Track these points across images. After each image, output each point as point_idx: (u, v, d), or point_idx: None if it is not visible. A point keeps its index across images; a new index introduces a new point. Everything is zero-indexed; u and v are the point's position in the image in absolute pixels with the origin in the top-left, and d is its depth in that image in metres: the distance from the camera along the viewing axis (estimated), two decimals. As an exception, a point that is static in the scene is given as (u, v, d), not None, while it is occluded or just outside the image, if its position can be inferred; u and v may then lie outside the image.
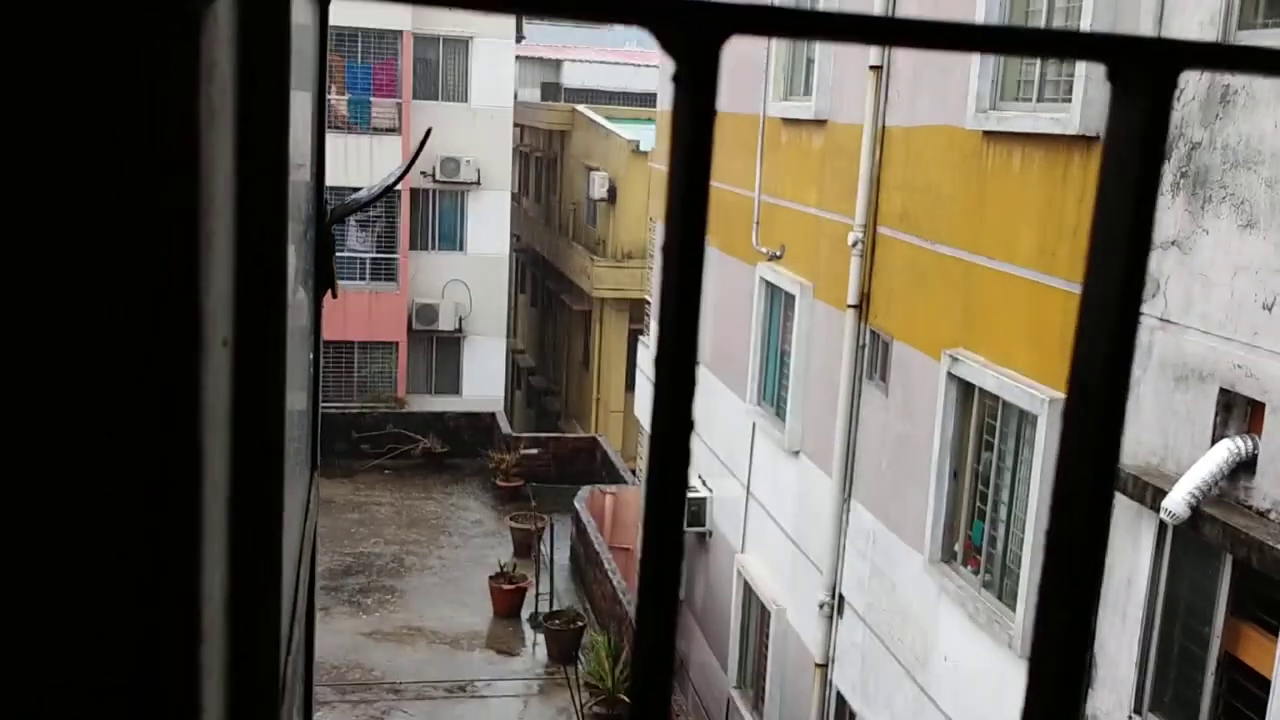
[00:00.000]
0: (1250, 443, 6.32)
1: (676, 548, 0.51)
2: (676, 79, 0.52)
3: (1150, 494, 6.81)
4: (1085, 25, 7.72)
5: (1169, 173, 7.02)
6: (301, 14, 1.26)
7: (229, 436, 0.66)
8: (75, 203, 0.46)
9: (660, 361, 0.53)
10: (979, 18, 8.98)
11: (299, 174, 1.37)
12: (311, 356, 1.59)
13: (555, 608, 18.24)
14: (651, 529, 0.52)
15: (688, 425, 0.53)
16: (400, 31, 26.61)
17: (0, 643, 0.49)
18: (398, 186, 26.49)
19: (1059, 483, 0.55)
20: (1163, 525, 6.83)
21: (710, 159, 0.52)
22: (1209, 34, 6.71)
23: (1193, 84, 6.81)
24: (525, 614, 18.65)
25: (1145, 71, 0.54)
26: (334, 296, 1.69)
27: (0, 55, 0.45)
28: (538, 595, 18.52)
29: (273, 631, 0.86)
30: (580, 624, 17.60)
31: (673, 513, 0.53)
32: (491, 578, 18.87)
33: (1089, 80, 7.66)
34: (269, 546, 0.78)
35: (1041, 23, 8.53)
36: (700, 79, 0.51)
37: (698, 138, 0.50)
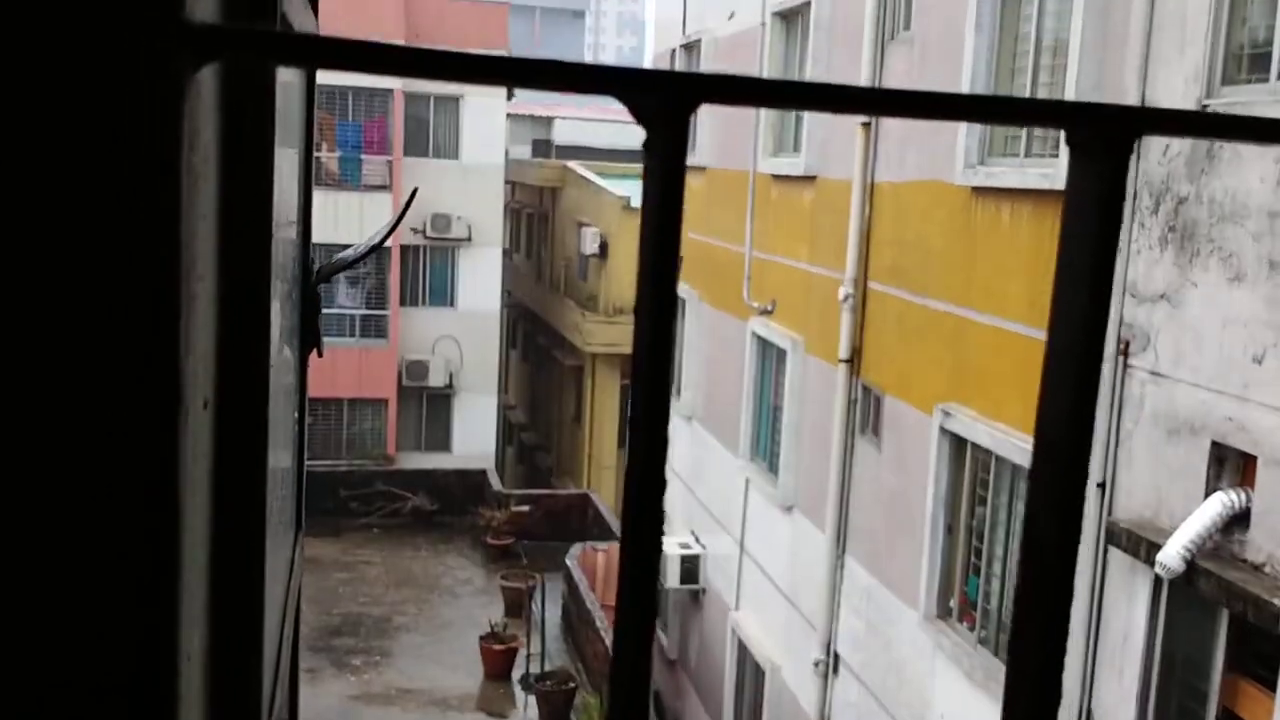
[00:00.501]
0: (1244, 496, 6.32)
1: (651, 607, 0.51)
2: (646, 146, 0.53)
3: (1144, 548, 6.80)
4: (1071, 80, 7.82)
5: (1157, 226, 7.08)
6: (287, 72, 1.28)
7: (210, 497, 0.66)
8: (57, 266, 0.47)
9: (634, 424, 0.54)
10: (965, 73, 9.10)
11: (285, 232, 1.39)
12: (297, 415, 1.59)
13: (547, 668, 18.05)
14: (626, 591, 0.52)
15: (660, 485, 0.54)
16: (391, 90, 26.84)
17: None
18: (387, 243, 26.59)
19: (1026, 536, 0.56)
20: (1158, 580, 6.81)
21: (680, 222, 0.53)
22: (1193, 90, 6.80)
23: (1178, 139, 6.89)
24: (516, 675, 18.45)
25: (1103, 137, 0.56)
26: (319, 355, 1.70)
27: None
28: (529, 655, 18.34)
29: (255, 691, 0.86)
30: (572, 685, 17.41)
31: (648, 569, 0.53)
32: (482, 638, 18.69)
33: (1074, 137, 7.74)
34: (250, 607, 0.78)
35: (1027, 79, 8.64)
36: (670, 146, 0.52)
37: (667, 202, 0.51)
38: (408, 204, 3.27)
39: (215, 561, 0.68)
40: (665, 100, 0.52)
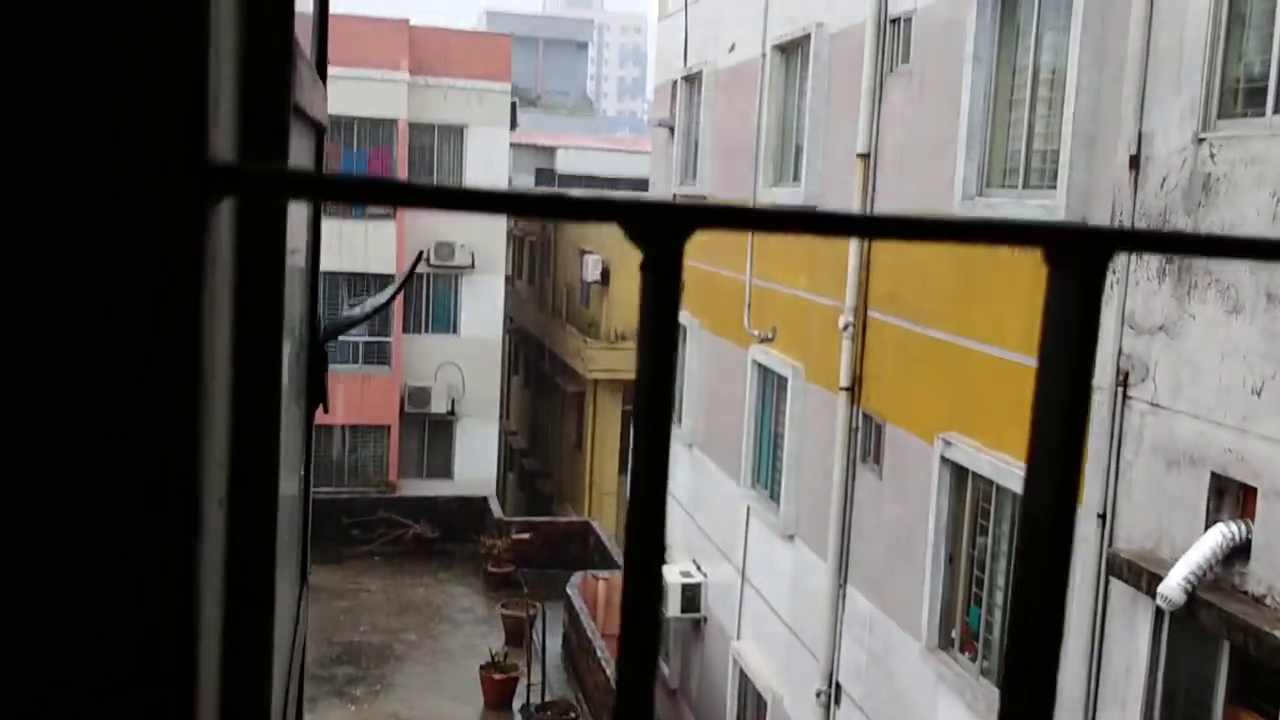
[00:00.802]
0: (1244, 527, 6.33)
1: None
2: (643, 267, 0.56)
3: (1145, 579, 6.80)
4: (1068, 113, 7.87)
5: (1155, 258, 7.11)
6: (297, 146, 1.31)
7: (221, 595, 0.69)
8: (88, 385, 0.50)
9: (628, 552, 0.56)
10: (964, 105, 9.15)
11: (295, 299, 1.42)
12: (303, 473, 1.62)
13: (548, 698, 17.98)
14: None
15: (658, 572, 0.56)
16: (396, 120, 26.99)
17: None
18: (392, 272, 26.65)
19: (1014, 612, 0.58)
20: (1159, 611, 6.81)
21: (675, 339, 0.56)
22: (1190, 123, 6.84)
23: (1174, 171, 6.93)
24: (517, 705, 18.37)
25: (1077, 256, 0.58)
26: (325, 412, 1.73)
27: (16, 243, 0.49)
28: (529, 685, 18.26)
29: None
30: (573, 715, 17.34)
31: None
32: (482, 667, 18.62)
33: (1073, 168, 7.80)
34: (257, 694, 0.81)
35: (1025, 111, 8.69)
36: (665, 269, 0.55)
37: (663, 321, 0.54)
38: (414, 265, 3.31)
39: (226, 654, 0.70)
40: (661, 228, 0.55)
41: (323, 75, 1.58)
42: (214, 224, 0.54)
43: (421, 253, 3.92)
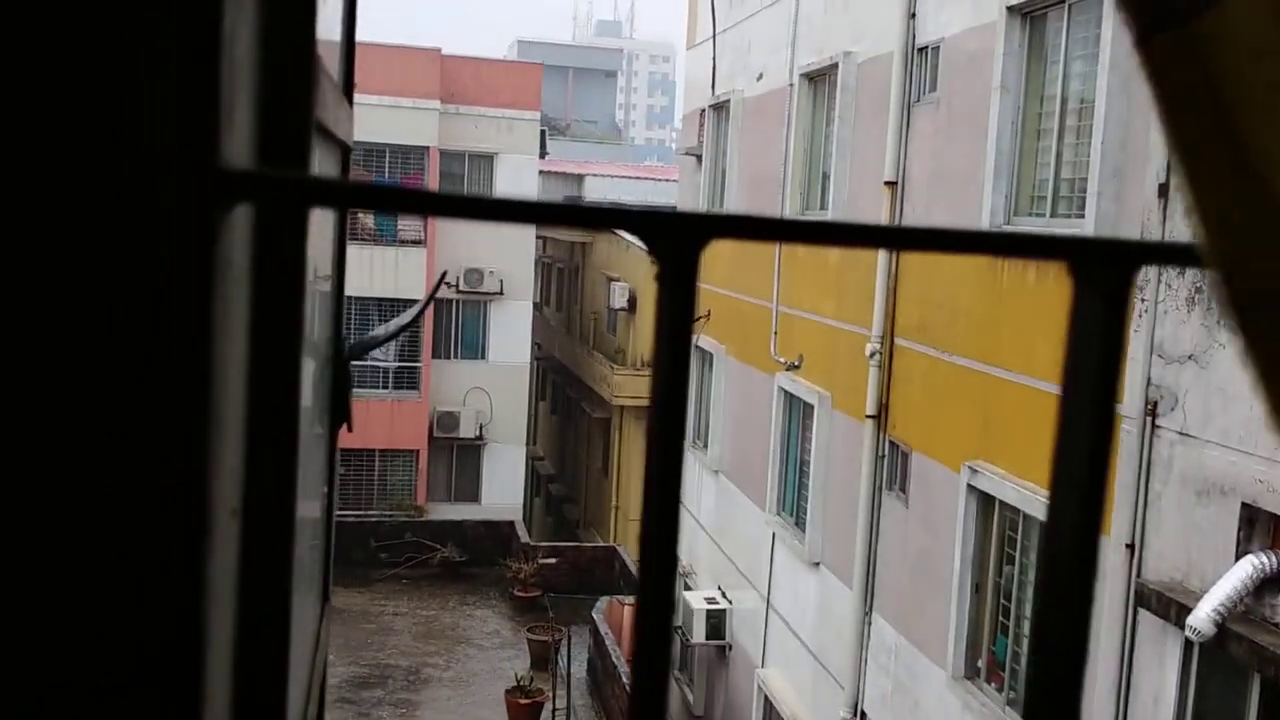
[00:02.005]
0: (1275, 559, 6.25)
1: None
2: (659, 278, 0.55)
3: (1175, 611, 6.72)
4: (1096, 141, 7.84)
5: (1184, 287, 7.06)
6: (322, 165, 1.32)
7: (234, 603, 0.69)
8: (95, 394, 0.50)
9: (643, 575, 0.56)
10: (991, 134, 9.13)
11: (321, 318, 1.42)
12: (326, 490, 1.62)
13: (573, 722, 17.91)
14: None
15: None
16: (427, 147, 27.19)
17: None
18: (421, 297, 26.78)
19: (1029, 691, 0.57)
20: (1188, 643, 6.72)
21: (689, 350, 0.56)
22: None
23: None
24: (542, 729, 18.32)
25: (1102, 270, 0.58)
26: (349, 431, 1.73)
27: (22, 247, 0.49)
28: (554, 710, 18.21)
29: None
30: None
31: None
32: (508, 691, 18.59)
33: (1102, 196, 7.76)
34: (271, 706, 0.80)
35: (1053, 140, 8.66)
36: (680, 279, 0.54)
37: (678, 332, 0.54)
38: (437, 285, 3.32)
39: (239, 667, 0.70)
40: (678, 238, 0.55)
41: (349, 97, 1.59)
42: (227, 231, 0.54)
43: (444, 274, 3.94)
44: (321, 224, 1.35)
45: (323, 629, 1.57)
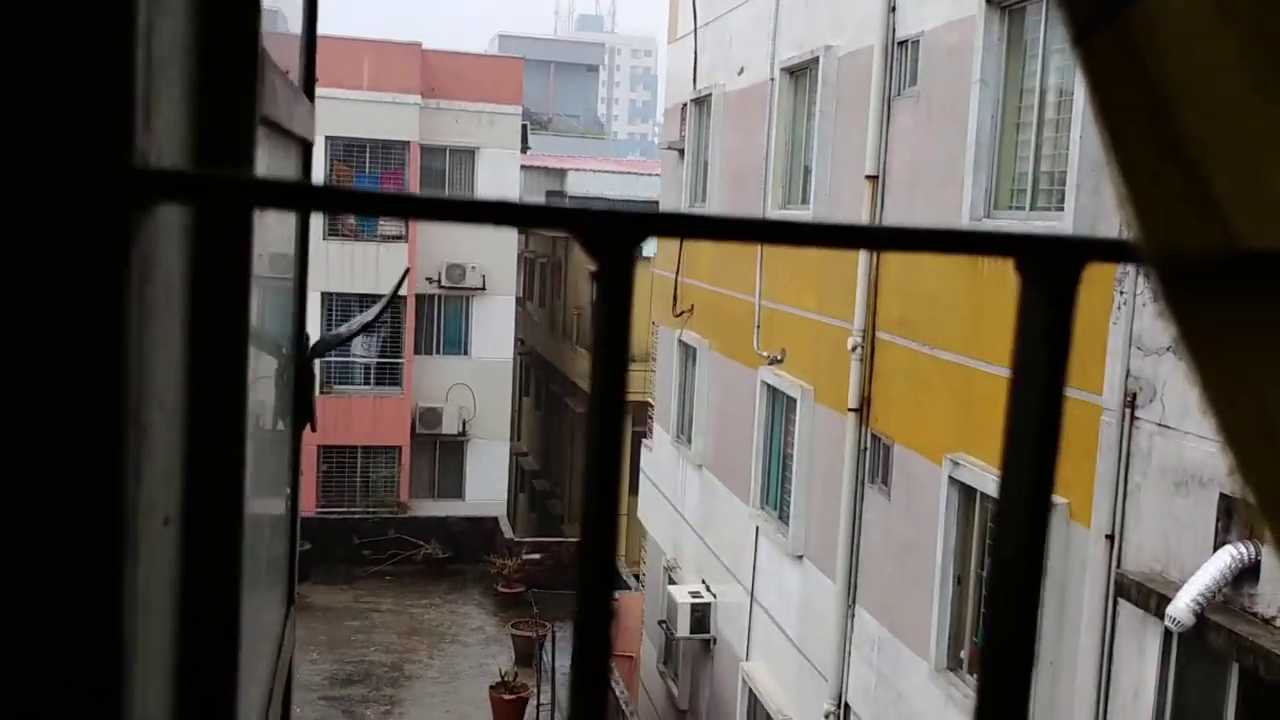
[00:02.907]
0: (1253, 549, 6.28)
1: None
2: (595, 276, 0.54)
3: (1154, 601, 6.75)
4: (1075, 134, 7.85)
5: (1165, 315, 7.07)
6: (281, 162, 1.30)
7: (173, 612, 0.67)
8: (2, 406, 0.48)
9: (584, 527, 0.55)
10: (971, 127, 9.14)
11: (281, 314, 1.40)
12: (289, 490, 1.60)
13: (557, 718, 17.92)
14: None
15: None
16: (408, 142, 27.09)
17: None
18: (403, 292, 26.72)
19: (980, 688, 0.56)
20: (1168, 633, 6.75)
21: (628, 345, 0.55)
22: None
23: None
24: (527, 724, 18.31)
25: (1049, 267, 0.57)
26: (313, 430, 1.71)
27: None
28: (539, 705, 18.21)
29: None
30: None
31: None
32: (492, 687, 18.58)
33: (1080, 190, 7.78)
34: (220, 714, 0.79)
35: (1032, 133, 8.67)
36: (616, 277, 0.53)
37: (615, 332, 0.52)
38: (400, 281, 3.30)
39: (182, 671, 0.68)
40: (612, 236, 0.54)
41: (310, 93, 1.58)
42: (152, 231, 0.52)
43: (407, 270, 3.92)
44: (280, 222, 1.33)
45: (287, 630, 1.55)
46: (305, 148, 1.51)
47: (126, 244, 0.48)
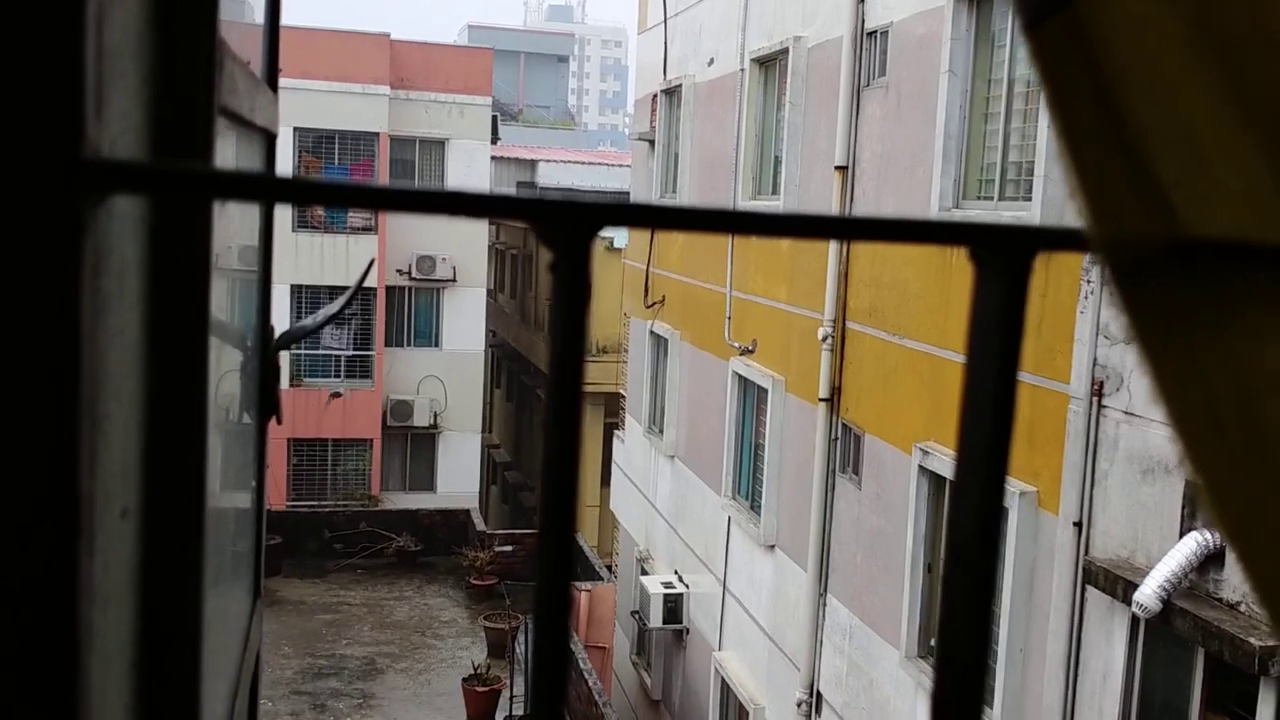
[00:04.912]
0: (1218, 535, 6.35)
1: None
2: (552, 267, 0.55)
3: (1121, 587, 6.81)
4: (1043, 124, 7.91)
5: (1116, 305, 7.13)
6: (244, 153, 1.29)
7: (133, 604, 0.67)
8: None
9: (544, 514, 0.55)
10: (939, 117, 9.18)
11: (245, 305, 1.40)
12: (255, 483, 1.59)
13: (530, 710, 17.91)
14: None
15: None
16: (377, 133, 26.96)
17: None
18: (374, 284, 26.60)
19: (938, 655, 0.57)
20: (1135, 619, 6.82)
21: (585, 335, 0.55)
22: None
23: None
24: (500, 717, 18.31)
25: (1002, 254, 0.57)
26: (279, 423, 1.70)
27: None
28: (512, 697, 18.21)
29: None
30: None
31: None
32: (465, 680, 18.56)
33: (1048, 180, 7.83)
34: (181, 710, 0.78)
35: (1000, 123, 8.72)
36: (573, 267, 0.53)
37: (572, 322, 0.53)
38: (364, 274, 3.29)
39: (141, 665, 0.68)
40: (568, 227, 0.54)
41: (273, 84, 1.56)
42: (104, 222, 0.52)
43: (371, 261, 3.93)
44: (244, 214, 1.32)
45: (253, 624, 1.55)
46: (269, 139, 1.50)
47: (78, 236, 0.47)
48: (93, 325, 0.50)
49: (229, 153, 1.09)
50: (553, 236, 0.52)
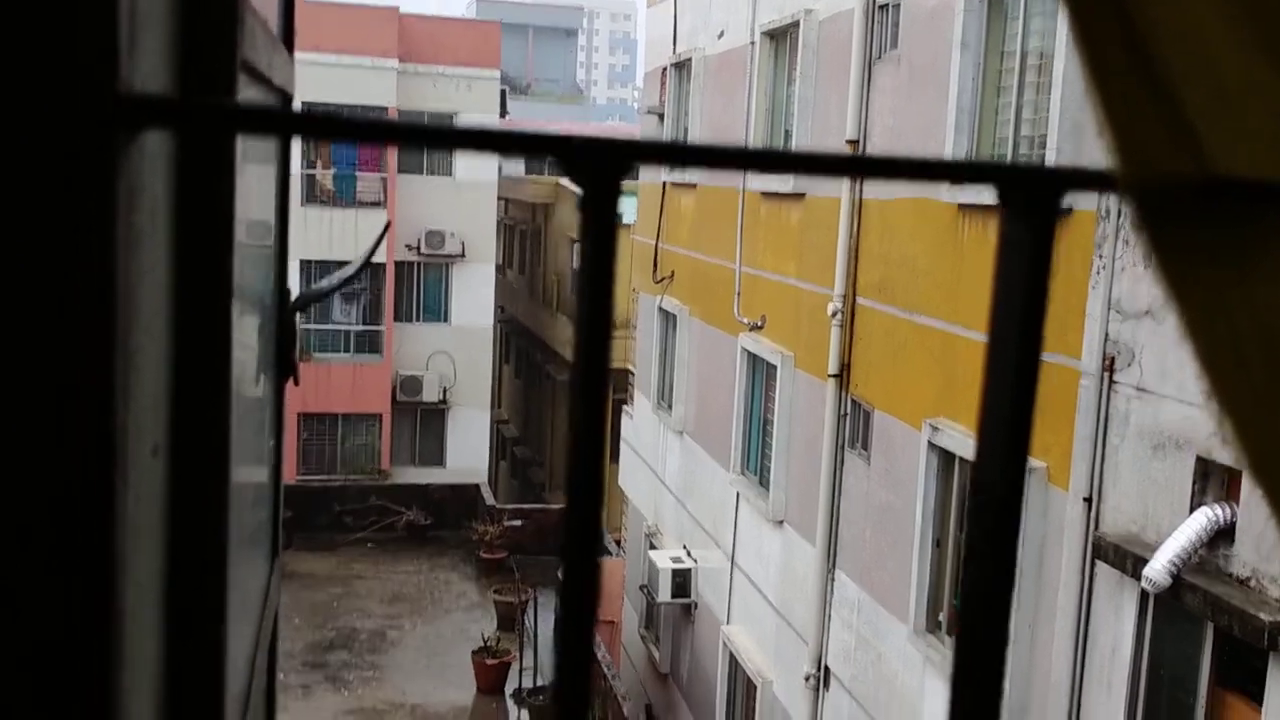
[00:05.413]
0: (1229, 510, 6.35)
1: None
2: (582, 205, 0.55)
3: (1131, 563, 6.82)
4: (1055, 97, 7.86)
5: (1142, 243, 7.11)
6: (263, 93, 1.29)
7: (164, 540, 0.68)
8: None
9: (571, 474, 0.55)
10: (951, 90, 9.14)
11: (258, 266, 1.40)
12: (273, 442, 1.60)
13: (540, 682, 18.03)
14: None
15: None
16: (386, 108, 26.90)
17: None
18: (383, 260, 26.61)
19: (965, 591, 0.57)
20: (1144, 594, 6.83)
21: (614, 274, 0.55)
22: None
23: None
24: (509, 689, 18.41)
25: (1030, 195, 0.57)
26: (295, 384, 1.71)
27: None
28: (522, 669, 18.31)
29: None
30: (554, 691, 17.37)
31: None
32: (475, 652, 18.66)
33: (1060, 152, 7.79)
34: (210, 649, 0.79)
35: (1013, 96, 8.68)
36: (602, 204, 0.54)
37: (601, 257, 0.53)
38: (381, 234, 3.29)
39: (170, 600, 0.69)
40: (598, 163, 0.54)
41: (289, 47, 1.57)
42: (135, 158, 0.53)
43: (389, 223, 3.92)
44: (262, 176, 1.32)
45: (272, 582, 1.56)
46: (285, 100, 1.51)
47: (113, 169, 0.48)
48: (126, 259, 0.51)
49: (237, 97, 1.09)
50: (582, 174, 0.52)
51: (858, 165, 0.58)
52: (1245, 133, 0.50)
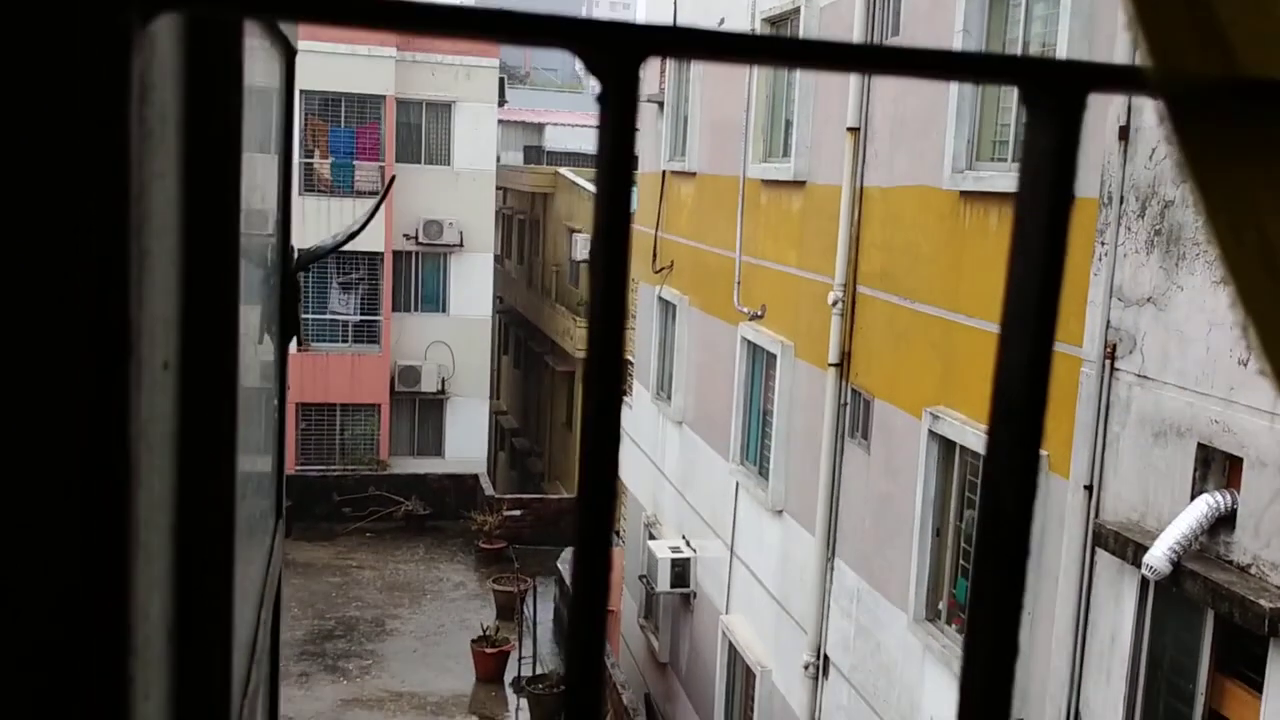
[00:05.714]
0: (1229, 497, 6.34)
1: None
2: (600, 98, 0.53)
3: (1132, 550, 6.81)
4: (1063, 35, 7.81)
5: (1144, 230, 7.11)
6: (265, 50, 1.28)
7: (172, 459, 0.67)
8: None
9: (587, 379, 0.54)
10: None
11: (262, 225, 1.39)
12: (277, 403, 1.60)
13: (539, 671, 18.04)
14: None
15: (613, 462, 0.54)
16: (383, 96, 26.86)
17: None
18: (380, 249, 26.57)
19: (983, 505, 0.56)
20: (1145, 581, 6.82)
21: (632, 171, 0.54)
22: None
23: (1164, 143, 6.92)
24: (509, 678, 18.43)
25: (1055, 93, 0.56)
26: (299, 346, 1.70)
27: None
28: (520, 659, 18.33)
29: (224, 659, 0.86)
30: (564, 687, 17.40)
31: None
32: (474, 641, 18.68)
33: (1062, 140, 7.76)
34: (218, 562, 0.78)
35: (1019, 34, 8.64)
36: (621, 95, 0.52)
37: (618, 152, 0.52)
38: (386, 189, 3.28)
39: (181, 518, 0.68)
40: (617, 52, 0.53)
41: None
42: (145, 48, 0.51)
43: (393, 178, 3.91)
44: (266, 161, 1.31)
45: (276, 541, 1.55)
46: (289, 53, 1.49)
47: (127, 53, 0.47)
48: (140, 151, 0.50)
49: (259, 61, 1.08)
50: (600, 63, 0.51)
51: (874, 56, 0.57)
52: (1276, 31, 0.49)
